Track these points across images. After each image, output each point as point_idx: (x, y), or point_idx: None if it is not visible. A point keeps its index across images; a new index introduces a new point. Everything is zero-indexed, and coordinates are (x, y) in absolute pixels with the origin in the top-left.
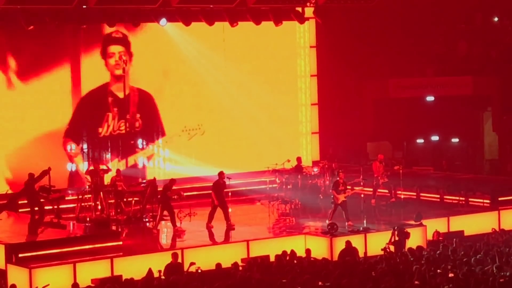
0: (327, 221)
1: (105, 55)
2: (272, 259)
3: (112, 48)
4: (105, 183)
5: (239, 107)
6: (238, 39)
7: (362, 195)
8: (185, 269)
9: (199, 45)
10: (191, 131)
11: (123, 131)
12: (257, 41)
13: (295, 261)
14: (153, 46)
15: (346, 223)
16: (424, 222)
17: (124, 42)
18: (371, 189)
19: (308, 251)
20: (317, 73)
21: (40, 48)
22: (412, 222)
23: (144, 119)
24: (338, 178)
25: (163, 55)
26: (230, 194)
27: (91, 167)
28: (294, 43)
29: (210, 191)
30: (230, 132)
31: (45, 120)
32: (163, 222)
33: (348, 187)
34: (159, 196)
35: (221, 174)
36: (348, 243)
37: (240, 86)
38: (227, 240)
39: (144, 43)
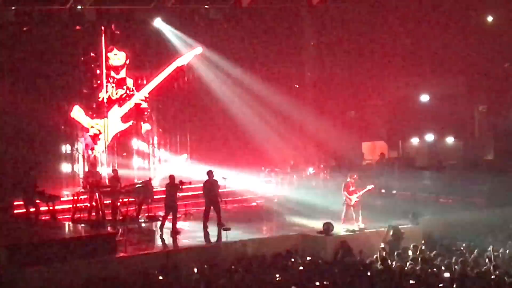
0: (342, 226)
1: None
2: (268, 259)
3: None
4: (101, 184)
5: (235, 106)
6: None
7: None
8: None
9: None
10: None
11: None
12: None
13: (292, 260)
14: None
15: (356, 224)
16: (419, 221)
17: None
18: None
19: (303, 250)
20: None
21: None
22: (408, 222)
23: None
24: (348, 179)
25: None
26: (226, 193)
27: (87, 169)
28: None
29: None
30: (227, 131)
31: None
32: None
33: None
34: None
35: (209, 173)
36: (344, 243)
37: (237, 83)
38: (223, 240)
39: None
